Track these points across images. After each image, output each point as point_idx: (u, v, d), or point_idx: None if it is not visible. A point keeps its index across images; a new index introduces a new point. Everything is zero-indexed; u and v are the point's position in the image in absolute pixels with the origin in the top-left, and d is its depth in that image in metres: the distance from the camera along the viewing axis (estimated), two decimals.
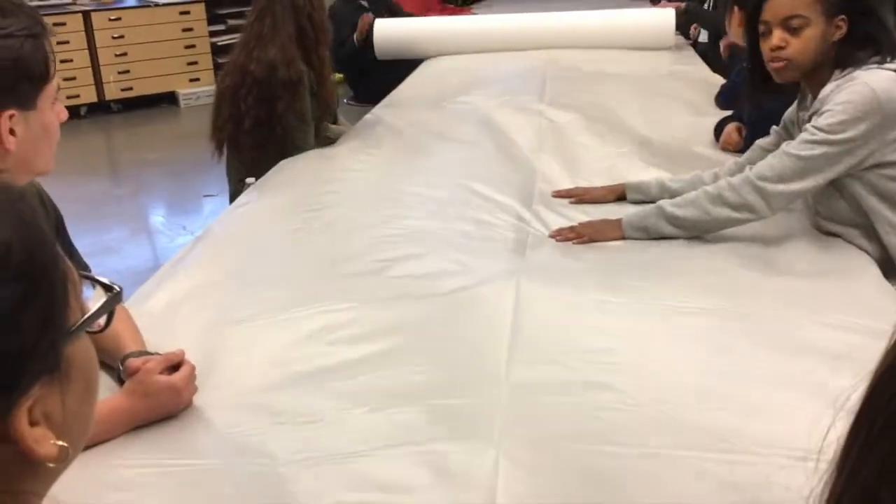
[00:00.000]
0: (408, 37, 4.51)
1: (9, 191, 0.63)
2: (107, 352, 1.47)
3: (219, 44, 7.17)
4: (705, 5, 4.42)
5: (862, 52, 1.91)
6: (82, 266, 1.59)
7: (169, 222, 4.69)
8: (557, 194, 2.43)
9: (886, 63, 1.89)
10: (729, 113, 2.95)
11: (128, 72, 6.74)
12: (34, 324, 0.61)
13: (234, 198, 3.01)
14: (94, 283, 0.71)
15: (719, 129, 2.84)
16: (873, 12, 1.94)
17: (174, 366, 1.40)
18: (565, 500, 1.19)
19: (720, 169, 2.29)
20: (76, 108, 6.42)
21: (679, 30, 4.35)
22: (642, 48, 4.13)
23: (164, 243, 4.37)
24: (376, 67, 4.70)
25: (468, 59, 4.17)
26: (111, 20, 6.67)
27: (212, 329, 1.66)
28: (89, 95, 6.61)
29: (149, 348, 1.49)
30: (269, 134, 2.86)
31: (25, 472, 0.63)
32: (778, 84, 2.04)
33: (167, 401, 1.37)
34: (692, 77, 3.70)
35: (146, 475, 1.25)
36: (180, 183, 5.17)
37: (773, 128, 2.22)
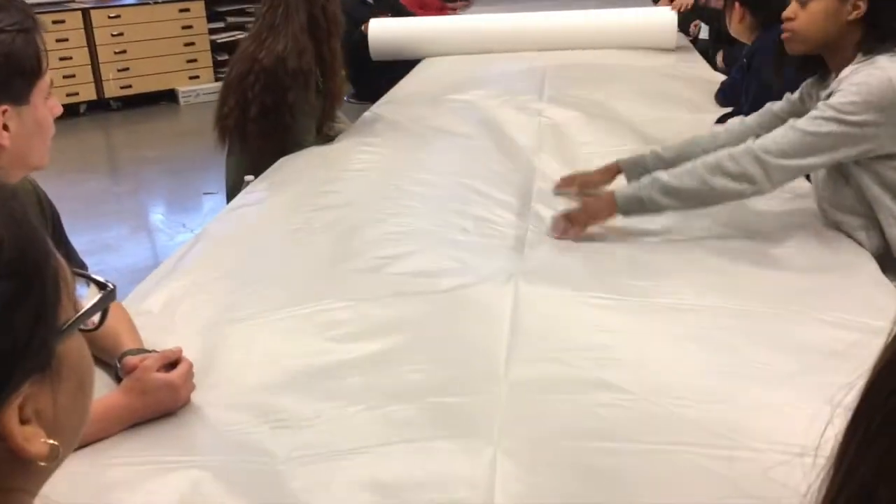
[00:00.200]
0: (404, 37, 4.41)
1: (1, 188, 0.63)
2: (104, 350, 1.47)
3: (218, 41, 7.17)
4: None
5: (891, 41, 1.87)
6: (79, 264, 1.59)
7: (168, 220, 4.69)
8: (559, 186, 2.39)
9: None
10: (729, 109, 2.95)
11: (127, 69, 6.74)
12: (25, 321, 0.60)
13: (231, 191, 3.02)
14: (88, 280, 0.71)
15: (719, 125, 2.83)
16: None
17: (172, 363, 1.40)
18: (564, 498, 1.18)
19: (720, 128, 2.25)
20: (75, 105, 6.42)
21: (679, 27, 4.32)
22: (644, 48, 4.07)
23: (164, 241, 4.37)
24: (377, 66, 4.67)
25: (468, 57, 4.15)
26: (110, 18, 6.68)
27: (210, 327, 1.66)
28: (88, 93, 6.61)
29: (146, 346, 1.49)
30: (275, 123, 2.86)
31: (16, 469, 0.62)
32: (802, 57, 2.03)
33: (165, 398, 1.36)
34: (692, 75, 3.70)
35: (143, 473, 1.25)
36: (180, 181, 5.18)
37: (787, 94, 2.19)
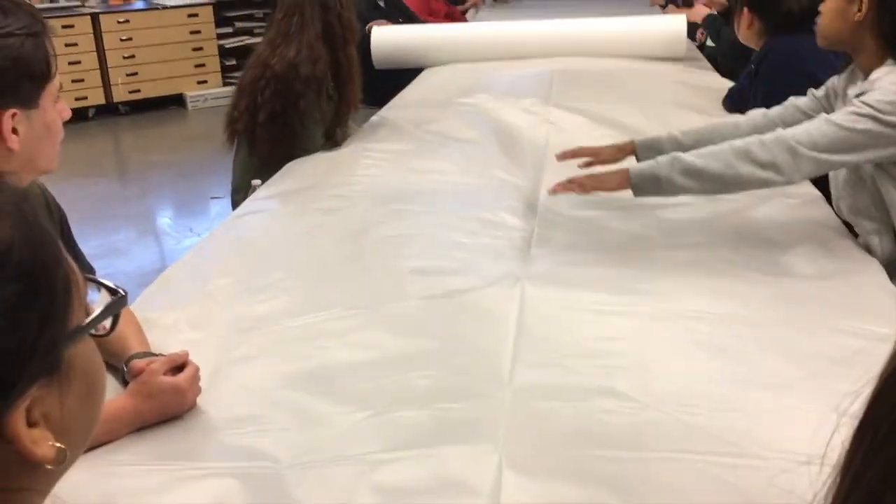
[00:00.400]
0: (408, 45, 4.31)
1: (12, 191, 0.63)
2: (111, 353, 1.47)
3: (226, 46, 7.19)
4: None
5: None
6: (87, 268, 1.59)
7: (176, 224, 4.71)
8: (563, 156, 2.26)
9: None
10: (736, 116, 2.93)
11: (136, 74, 6.77)
12: (34, 324, 0.61)
13: (235, 191, 3.03)
14: (100, 286, 0.71)
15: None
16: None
17: (178, 367, 1.40)
18: None
19: (741, 117, 2.21)
20: (84, 109, 6.45)
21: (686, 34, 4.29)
22: (653, 58, 4.01)
23: (171, 245, 4.38)
24: (384, 70, 4.64)
25: (474, 63, 4.13)
26: (119, 22, 6.70)
27: (217, 331, 1.66)
28: (97, 97, 6.64)
29: (153, 350, 1.49)
30: (283, 128, 2.86)
31: (25, 470, 0.63)
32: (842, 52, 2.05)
33: (171, 402, 1.37)
34: (700, 81, 3.69)
35: (149, 476, 1.25)
36: (187, 185, 5.19)
37: (811, 90, 2.17)
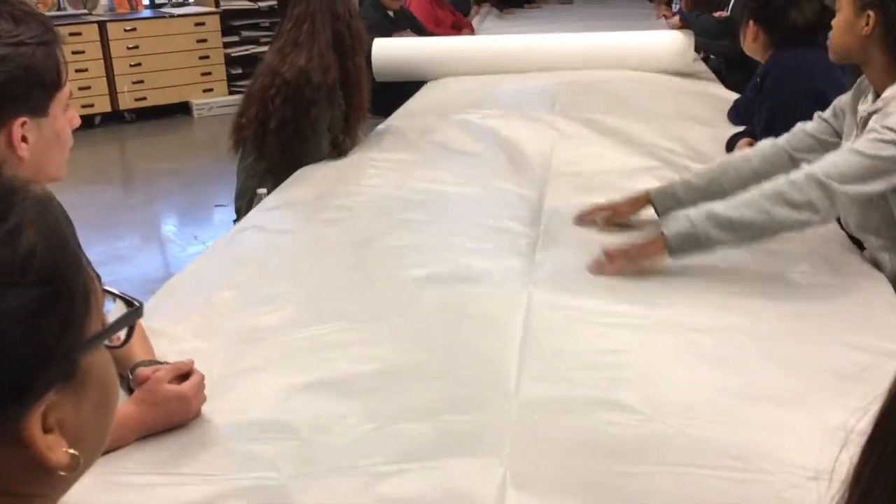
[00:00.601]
0: (409, 58, 4.21)
1: (37, 198, 0.64)
2: (117, 360, 1.45)
3: (233, 55, 7.21)
4: (724, 12, 4.25)
5: None
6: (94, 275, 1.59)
7: (181, 231, 4.71)
8: (582, 218, 2.22)
9: None
10: (741, 129, 2.93)
11: (142, 82, 6.78)
12: (53, 329, 0.61)
13: (239, 198, 3.04)
14: (115, 297, 0.72)
15: (731, 144, 2.82)
16: None
17: (183, 375, 1.40)
18: None
19: (751, 151, 2.20)
20: (90, 117, 6.46)
21: None
22: (659, 71, 3.97)
23: (176, 252, 4.39)
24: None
25: (478, 76, 4.10)
26: (126, 30, 6.73)
27: (222, 339, 1.66)
28: (103, 105, 6.66)
29: (158, 358, 1.49)
30: (294, 136, 2.87)
31: (38, 477, 0.63)
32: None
33: (176, 410, 1.37)
34: (704, 92, 3.70)
35: (153, 484, 1.25)
36: (192, 192, 5.20)
37: (817, 113, 2.15)
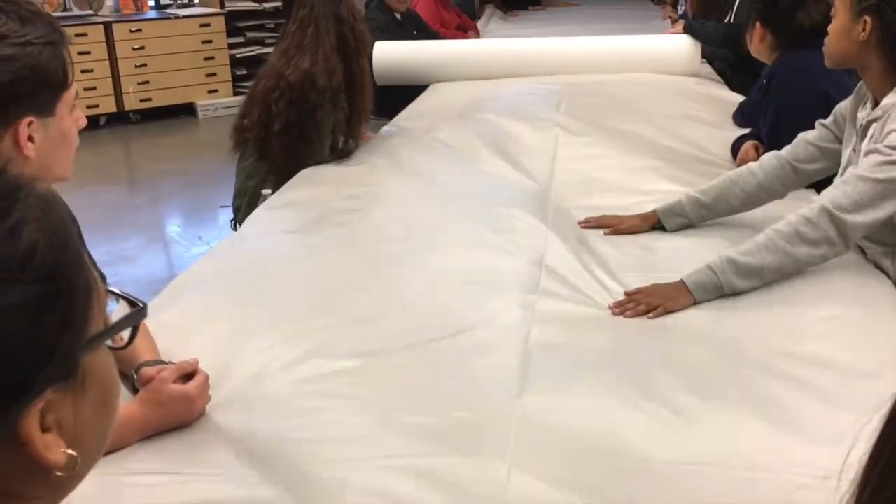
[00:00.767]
0: (411, 62, 4.14)
1: (40, 195, 0.63)
2: (121, 361, 1.47)
3: (237, 56, 7.22)
4: (727, 19, 4.25)
5: None
6: (98, 275, 1.59)
7: (185, 232, 4.72)
8: (586, 225, 2.26)
9: None
10: (746, 131, 2.93)
11: (147, 83, 6.79)
12: (53, 327, 0.61)
13: (237, 198, 3.04)
14: (119, 297, 0.71)
15: (736, 146, 2.82)
16: None
17: (188, 375, 1.40)
18: None
19: (755, 165, 2.20)
20: (96, 118, 6.47)
21: None
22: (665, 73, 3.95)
23: (180, 253, 4.39)
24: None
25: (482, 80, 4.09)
26: (132, 31, 6.74)
27: (227, 339, 1.66)
28: (109, 106, 6.67)
29: (163, 358, 1.49)
30: (298, 138, 2.87)
31: (34, 477, 0.62)
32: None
33: (180, 410, 1.37)
34: (710, 94, 3.69)
35: (158, 484, 1.25)
36: (197, 193, 5.20)
37: (819, 121, 2.15)
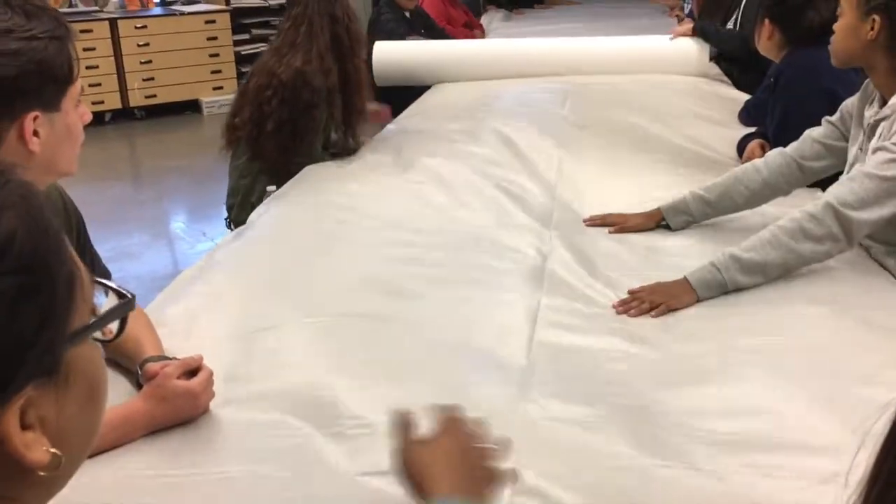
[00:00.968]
0: (411, 62, 4.07)
1: (19, 182, 0.61)
2: (126, 356, 1.47)
3: (242, 53, 7.23)
4: (730, 24, 4.24)
5: None
6: (103, 273, 1.59)
7: (189, 228, 4.72)
8: (591, 223, 2.25)
9: None
10: (752, 130, 2.92)
11: (152, 79, 6.80)
12: (32, 320, 0.58)
13: (231, 197, 3.08)
14: (107, 289, 0.68)
15: (742, 145, 2.81)
16: None
17: (192, 371, 1.40)
18: None
19: (760, 162, 2.19)
20: (101, 114, 6.48)
21: None
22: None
23: (185, 249, 4.40)
24: None
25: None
26: (137, 28, 6.75)
27: (231, 336, 1.66)
28: (114, 102, 6.68)
29: (167, 354, 1.49)
30: (291, 137, 2.86)
31: (14, 477, 0.60)
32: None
33: (184, 405, 1.37)
34: (715, 92, 3.68)
35: (161, 480, 1.25)
36: (201, 190, 5.21)
37: (825, 118, 2.15)
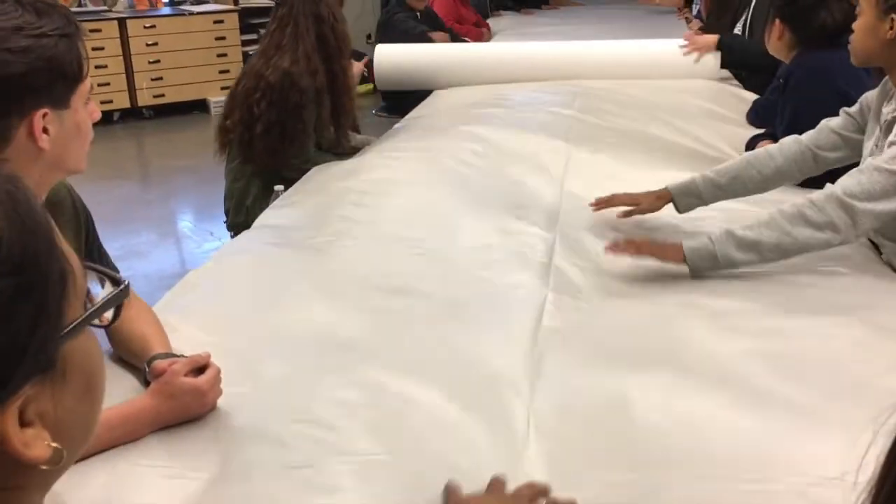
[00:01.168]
0: (413, 66, 4.02)
1: (4, 176, 0.59)
2: (133, 353, 1.48)
3: (251, 53, 7.21)
4: (739, 25, 4.22)
5: None
6: (111, 269, 1.59)
7: (197, 228, 4.73)
8: (598, 204, 2.19)
9: None
10: (761, 131, 2.92)
11: (161, 79, 6.82)
12: (26, 321, 0.57)
13: (227, 200, 3.07)
14: (102, 276, 0.68)
15: (751, 146, 2.80)
16: None
17: (200, 368, 1.40)
18: None
19: (774, 148, 2.15)
20: (109, 113, 6.50)
21: None
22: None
23: (192, 248, 4.41)
24: None
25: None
26: (146, 27, 6.76)
27: (239, 334, 1.66)
28: (122, 101, 6.69)
29: (175, 351, 1.49)
30: (281, 139, 2.87)
31: (21, 469, 0.60)
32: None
33: (192, 403, 1.37)
34: (724, 93, 3.68)
35: (168, 477, 1.25)
36: (209, 189, 5.19)
37: (844, 109, 2.13)
